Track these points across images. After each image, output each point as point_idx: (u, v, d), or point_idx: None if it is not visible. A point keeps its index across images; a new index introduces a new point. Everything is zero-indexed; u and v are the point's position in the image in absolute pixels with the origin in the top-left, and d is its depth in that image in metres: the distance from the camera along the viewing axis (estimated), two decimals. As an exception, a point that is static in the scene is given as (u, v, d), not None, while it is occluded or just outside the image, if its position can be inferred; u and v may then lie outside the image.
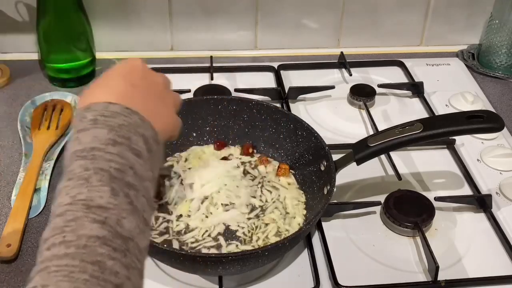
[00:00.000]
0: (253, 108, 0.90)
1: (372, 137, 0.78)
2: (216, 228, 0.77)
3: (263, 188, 0.84)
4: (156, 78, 0.61)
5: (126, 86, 0.55)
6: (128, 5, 1.15)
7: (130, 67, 0.59)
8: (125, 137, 0.50)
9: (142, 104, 0.54)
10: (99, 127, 0.49)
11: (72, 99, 1.03)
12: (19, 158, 0.93)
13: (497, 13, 1.16)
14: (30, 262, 0.76)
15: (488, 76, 1.18)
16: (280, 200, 0.82)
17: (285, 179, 0.86)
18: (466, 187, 0.91)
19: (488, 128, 0.76)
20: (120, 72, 0.58)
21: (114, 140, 0.49)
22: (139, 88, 0.56)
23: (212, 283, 0.74)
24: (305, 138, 0.85)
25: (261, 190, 0.83)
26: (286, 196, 0.83)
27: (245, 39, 1.21)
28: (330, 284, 0.75)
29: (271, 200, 0.82)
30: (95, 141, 0.48)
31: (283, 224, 0.78)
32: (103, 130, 0.49)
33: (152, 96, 0.57)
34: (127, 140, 0.50)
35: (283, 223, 0.78)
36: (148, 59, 1.16)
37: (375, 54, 1.24)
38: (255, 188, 0.83)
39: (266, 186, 0.84)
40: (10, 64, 1.14)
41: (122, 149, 0.49)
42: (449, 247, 0.80)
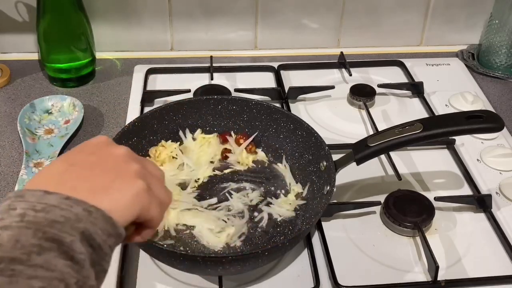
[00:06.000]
0: (253, 108, 0.90)
1: (372, 137, 0.78)
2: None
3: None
4: (113, 150, 0.52)
5: (62, 166, 0.48)
6: (128, 5, 1.15)
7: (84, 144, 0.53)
8: (56, 240, 0.41)
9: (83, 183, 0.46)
10: (24, 227, 0.41)
11: (71, 101, 1.03)
12: (19, 158, 0.93)
13: (497, 13, 1.16)
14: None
15: (488, 76, 1.18)
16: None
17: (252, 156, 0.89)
18: (466, 187, 0.91)
19: (488, 128, 0.76)
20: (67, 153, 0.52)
21: (40, 246, 0.40)
22: (80, 165, 0.48)
23: (212, 283, 0.74)
24: (305, 138, 0.85)
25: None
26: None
27: (245, 39, 1.22)
28: (330, 284, 0.75)
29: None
30: (16, 248, 0.40)
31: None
32: (28, 231, 0.41)
33: (98, 171, 0.48)
34: (57, 244, 0.41)
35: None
36: (148, 59, 1.18)
37: (375, 54, 1.25)
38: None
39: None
40: (10, 64, 1.14)
41: (50, 256, 0.40)
42: (449, 247, 0.80)
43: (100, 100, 1.08)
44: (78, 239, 0.42)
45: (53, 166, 0.49)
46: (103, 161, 0.50)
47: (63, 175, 0.47)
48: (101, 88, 1.11)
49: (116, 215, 0.46)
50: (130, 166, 0.50)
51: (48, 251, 0.41)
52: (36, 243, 0.41)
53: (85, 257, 0.43)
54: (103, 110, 1.05)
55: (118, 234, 0.46)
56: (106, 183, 0.48)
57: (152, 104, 1.05)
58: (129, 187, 0.48)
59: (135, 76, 1.14)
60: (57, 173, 0.47)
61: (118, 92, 1.10)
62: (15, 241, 0.40)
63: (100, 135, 0.55)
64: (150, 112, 0.88)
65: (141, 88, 1.09)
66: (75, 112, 1.02)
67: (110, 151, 0.51)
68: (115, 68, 1.17)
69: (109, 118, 1.03)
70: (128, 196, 0.48)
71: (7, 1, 1.11)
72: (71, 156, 0.50)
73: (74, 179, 0.47)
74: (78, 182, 0.46)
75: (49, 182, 0.46)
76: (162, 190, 0.53)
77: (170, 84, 1.10)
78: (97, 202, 0.45)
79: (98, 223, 0.44)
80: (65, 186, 0.45)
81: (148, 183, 0.50)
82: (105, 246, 0.45)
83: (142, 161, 0.53)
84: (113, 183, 0.48)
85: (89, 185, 0.46)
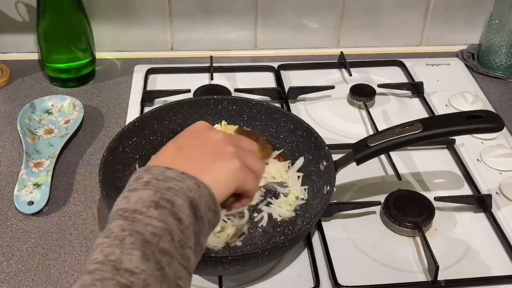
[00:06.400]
0: (253, 108, 0.90)
1: (372, 137, 0.78)
2: None
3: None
4: (212, 134, 0.60)
5: (173, 150, 0.58)
6: (128, 5, 1.15)
7: (188, 130, 0.62)
8: (170, 201, 0.50)
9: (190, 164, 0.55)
10: (147, 189, 0.51)
11: (71, 101, 1.03)
12: (19, 158, 0.93)
13: (497, 13, 1.16)
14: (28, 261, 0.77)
15: (488, 76, 1.18)
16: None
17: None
18: (466, 187, 0.91)
19: (488, 128, 0.76)
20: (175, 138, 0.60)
21: (157, 203, 0.49)
22: (186, 149, 0.57)
23: (212, 283, 0.74)
24: (305, 138, 0.85)
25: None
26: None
27: (245, 39, 1.22)
28: (330, 284, 0.75)
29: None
30: (139, 203, 0.49)
31: None
32: (149, 191, 0.50)
33: (201, 154, 0.57)
34: (171, 204, 0.50)
35: None
36: (148, 59, 1.18)
37: (375, 54, 1.25)
38: None
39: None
40: (10, 64, 1.14)
41: (164, 213, 0.49)
42: (449, 247, 0.80)
43: (100, 100, 1.08)
44: (187, 205, 0.51)
45: (166, 150, 0.58)
46: (204, 144, 0.58)
47: (175, 157, 0.56)
48: (101, 88, 1.11)
49: (217, 191, 0.54)
50: (227, 148, 0.58)
51: (163, 208, 0.49)
52: (155, 200, 0.50)
53: (189, 220, 0.50)
54: (103, 110, 1.05)
55: (216, 211, 0.54)
56: (208, 164, 0.56)
57: (152, 104, 1.05)
58: (227, 166, 0.57)
59: (135, 76, 1.14)
60: (169, 156, 0.57)
61: (118, 92, 1.10)
62: (138, 198, 0.50)
63: (202, 121, 0.62)
64: (150, 112, 0.88)
65: (141, 88, 1.09)
66: (75, 112, 1.02)
67: (209, 136, 0.59)
68: (115, 68, 1.17)
69: (109, 118, 1.03)
70: (227, 175, 0.56)
71: (7, 1, 1.11)
72: (179, 141, 0.59)
73: (184, 161, 0.56)
74: (186, 164, 0.55)
75: (166, 163, 0.54)
76: (256, 163, 0.60)
77: (170, 84, 1.10)
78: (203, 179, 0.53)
79: (204, 196, 0.52)
80: (178, 166, 0.53)
81: (243, 160, 0.58)
82: (204, 218, 0.52)
83: (237, 141, 0.61)
84: (214, 164, 0.56)
85: (195, 166, 0.54)
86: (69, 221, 0.83)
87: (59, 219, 0.83)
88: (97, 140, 0.98)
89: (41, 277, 0.75)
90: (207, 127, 0.62)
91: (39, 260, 0.77)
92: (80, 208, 0.85)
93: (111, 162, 0.79)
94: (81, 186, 0.89)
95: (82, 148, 0.96)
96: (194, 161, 0.56)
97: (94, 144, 0.97)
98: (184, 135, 0.61)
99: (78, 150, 0.96)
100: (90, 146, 0.97)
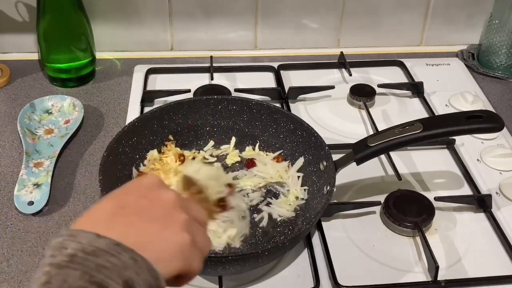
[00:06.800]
0: (253, 108, 0.90)
1: (372, 137, 0.78)
2: None
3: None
4: (163, 195, 0.51)
5: (113, 207, 0.48)
6: (128, 5, 1.15)
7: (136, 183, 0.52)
8: (100, 285, 0.42)
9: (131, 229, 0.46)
10: (73, 268, 0.42)
11: (71, 101, 1.03)
12: (19, 158, 0.93)
13: (497, 13, 1.16)
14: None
15: (488, 76, 1.18)
16: None
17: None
18: (466, 187, 0.91)
19: (488, 128, 0.76)
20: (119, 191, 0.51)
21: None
22: (130, 209, 0.48)
23: (212, 283, 0.74)
24: (305, 138, 0.85)
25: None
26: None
27: (245, 39, 1.22)
28: (330, 284, 0.75)
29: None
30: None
31: None
32: (76, 273, 0.42)
33: (147, 218, 0.48)
34: None
35: None
36: (148, 59, 1.18)
37: (375, 54, 1.25)
38: None
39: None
40: (10, 64, 1.14)
41: None
42: (449, 247, 0.80)
43: (100, 100, 1.08)
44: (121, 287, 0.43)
45: (104, 205, 0.48)
46: (152, 206, 0.49)
47: (113, 218, 0.47)
48: (101, 88, 1.11)
49: (160, 267, 0.46)
50: (178, 216, 0.50)
51: None
52: (82, 285, 0.41)
53: None
54: (103, 110, 1.05)
55: (159, 286, 0.45)
56: (154, 232, 0.47)
57: (152, 104, 1.05)
58: (175, 240, 0.48)
59: (135, 76, 1.14)
60: (107, 215, 0.47)
61: (118, 92, 1.10)
62: (62, 281, 0.41)
63: (152, 174, 0.54)
64: (150, 112, 0.88)
65: (141, 88, 1.09)
66: (75, 112, 1.02)
67: (160, 196, 0.51)
68: (115, 68, 1.17)
69: (109, 118, 1.03)
70: (173, 250, 0.47)
71: (7, 1, 1.11)
72: (122, 197, 0.50)
73: (123, 224, 0.47)
74: (127, 228, 0.46)
75: (99, 223, 0.46)
76: (204, 240, 0.53)
77: (170, 84, 1.10)
78: (143, 252, 0.45)
79: (142, 273, 0.44)
80: (114, 230, 0.45)
81: (193, 234, 0.50)
82: None
83: (189, 207, 0.53)
84: (160, 234, 0.47)
85: (137, 233, 0.46)
86: (69, 221, 0.83)
87: (59, 219, 0.83)
88: (97, 140, 0.98)
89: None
90: (159, 184, 0.52)
91: (39, 260, 0.77)
92: (80, 208, 0.85)
93: (111, 162, 0.79)
94: (81, 186, 0.89)
95: (82, 148, 0.96)
96: (136, 225, 0.47)
97: (94, 144, 0.97)
98: (130, 191, 0.51)
99: (78, 150, 0.96)
100: (90, 146, 0.97)
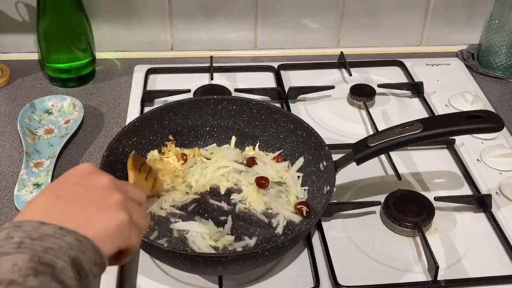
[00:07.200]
0: (253, 108, 0.90)
1: (372, 137, 0.78)
2: None
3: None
4: (96, 180, 0.53)
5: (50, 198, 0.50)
6: (128, 5, 1.15)
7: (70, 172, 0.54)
8: (49, 265, 0.44)
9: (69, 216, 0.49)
10: (21, 252, 0.44)
11: (71, 101, 1.03)
12: (19, 158, 0.93)
13: (497, 13, 1.16)
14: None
15: (488, 76, 1.18)
16: None
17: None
18: (466, 187, 0.91)
19: (488, 128, 0.76)
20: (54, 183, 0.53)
21: (35, 270, 0.43)
22: (66, 197, 0.51)
23: (212, 283, 0.74)
24: (305, 138, 0.85)
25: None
26: None
27: (245, 39, 1.22)
28: (330, 284, 0.75)
29: None
30: (14, 271, 0.43)
31: None
32: (25, 256, 0.44)
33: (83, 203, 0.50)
34: (51, 268, 0.44)
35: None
36: (148, 59, 1.18)
37: (375, 54, 1.25)
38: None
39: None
40: (10, 64, 1.14)
41: (45, 279, 0.43)
42: (449, 247, 0.80)
43: (100, 100, 1.08)
44: (69, 265, 0.45)
45: (41, 198, 0.51)
46: (87, 192, 0.52)
47: (51, 208, 0.49)
48: (101, 88, 1.11)
49: (101, 246, 0.48)
50: (113, 197, 0.52)
51: (43, 274, 0.43)
52: (32, 267, 0.43)
53: (74, 282, 0.45)
54: (103, 110, 1.05)
55: (103, 264, 0.48)
56: (91, 216, 0.50)
57: (152, 104, 1.05)
58: (112, 219, 0.51)
59: (135, 76, 1.14)
60: (45, 206, 0.50)
61: (118, 92, 1.10)
62: (12, 265, 0.43)
63: (84, 163, 0.56)
64: (150, 112, 0.88)
65: (141, 88, 1.09)
66: (75, 112, 1.02)
67: (93, 181, 0.53)
68: (115, 68, 1.17)
69: (109, 118, 1.03)
70: (111, 229, 0.50)
71: (7, 1, 1.11)
72: (58, 187, 0.52)
73: (61, 212, 0.49)
74: (65, 215, 0.49)
75: (39, 214, 0.48)
76: (142, 218, 0.55)
77: (170, 84, 1.10)
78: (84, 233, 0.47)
79: (87, 251, 0.47)
80: (53, 219, 0.47)
81: (130, 212, 0.52)
82: (90, 274, 0.47)
83: (124, 188, 0.55)
84: (97, 216, 0.50)
85: (75, 218, 0.49)
86: (69, 221, 0.83)
87: (59, 219, 0.83)
88: (97, 140, 0.98)
89: None
90: (92, 170, 0.55)
91: (39, 260, 0.77)
92: (80, 208, 0.85)
93: (111, 162, 0.79)
94: (81, 186, 0.89)
95: (82, 148, 0.96)
96: (74, 211, 0.49)
97: (94, 144, 0.97)
98: (65, 180, 0.53)
99: (78, 150, 0.96)
100: (90, 146, 0.97)
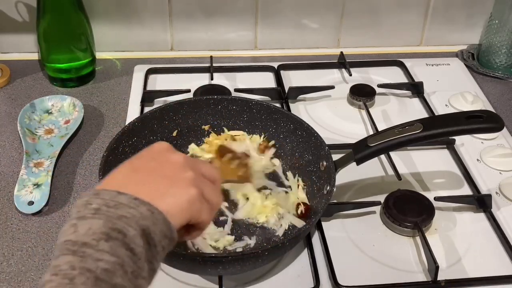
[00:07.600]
0: (253, 108, 0.90)
1: (372, 137, 0.78)
2: None
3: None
4: (171, 157, 0.56)
5: (127, 171, 0.54)
6: (128, 5, 1.15)
7: (147, 149, 0.58)
8: (121, 232, 0.47)
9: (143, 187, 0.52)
10: (97, 218, 0.47)
11: (71, 101, 1.03)
12: (19, 158, 0.93)
13: (497, 13, 1.16)
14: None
15: (488, 76, 1.18)
16: None
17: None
18: (465, 187, 0.91)
19: (488, 128, 0.76)
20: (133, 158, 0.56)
21: (108, 235, 0.46)
22: (142, 171, 0.54)
23: (212, 283, 0.74)
24: (305, 138, 0.85)
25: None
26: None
27: (245, 39, 1.22)
28: (330, 284, 0.75)
29: None
30: (88, 234, 0.46)
31: None
32: (99, 221, 0.47)
33: (157, 177, 0.54)
34: (122, 235, 0.47)
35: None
36: (148, 59, 1.18)
37: (375, 54, 1.25)
38: None
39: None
40: (10, 64, 1.14)
41: (116, 244, 0.46)
42: (449, 247, 0.80)
43: (100, 100, 1.08)
44: (139, 234, 0.48)
45: (120, 170, 0.54)
46: (162, 167, 0.55)
47: (128, 179, 0.53)
48: (101, 88, 1.11)
49: (171, 219, 0.51)
50: (186, 173, 0.55)
51: (114, 240, 0.46)
52: (105, 232, 0.47)
53: (142, 250, 0.48)
54: (103, 110, 1.05)
55: (172, 238, 0.51)
56: (163, 189, 0.53)
57: (152, 104, 1.05)
58: (183, 194, 0.53)
59: (135, 76, 1.14)
60: (123, 178, 0.53)
61: (118, 92, 1.10)
62: (88, 228, 0.47)
63: (162, 142, 0.59)
64: (150, 112, 0.88)
65: (141, 88, 1.09)
66: (75, 112, 1.02)
67: (168, 158, 0.56)
68: (115, 68, 1.17)
69: (109, 118, 1.03)
70: (182, 203, 0.53)
71: (7, 1, 1.11)
72: (135, 162, 0.56)
73: (137, 184, 0.52)
74: (140, 187, 0.52)
75: (117, 184, 0.52)
76: (214, 194, 0.57)
77: (170, 84, 1.10)
78: (156, 205, 0.50)
79: (158, 223, 0.49)
80: (129, 189, 0.50)
81: (201, 189, 0.55)
82: (159, 245, 0.49)
83: (198, 166, 0.57)
84: (169, 190, 0.53)
85: (148, 190, 0.51)
86: (69, 221, 0.83)
87: (59, 219, 0.84)
88: (97, 140, 0.98)
89: (41, 277, 0.75)
90: (167, 148, 0.58)
91: (39, 260, 0.77)
92: (80, 208, 0.85)
93: (111, 162, 0.79)
94: (81, 186, 0.89)
95: (82, 148, 0.96)
96: (148, 184, 0.53)
97: (94, 144, 0.97)
98: (142, 156, 0.57)
99: (78, 150, 0.96)
100: (90, 146, 0.97)
